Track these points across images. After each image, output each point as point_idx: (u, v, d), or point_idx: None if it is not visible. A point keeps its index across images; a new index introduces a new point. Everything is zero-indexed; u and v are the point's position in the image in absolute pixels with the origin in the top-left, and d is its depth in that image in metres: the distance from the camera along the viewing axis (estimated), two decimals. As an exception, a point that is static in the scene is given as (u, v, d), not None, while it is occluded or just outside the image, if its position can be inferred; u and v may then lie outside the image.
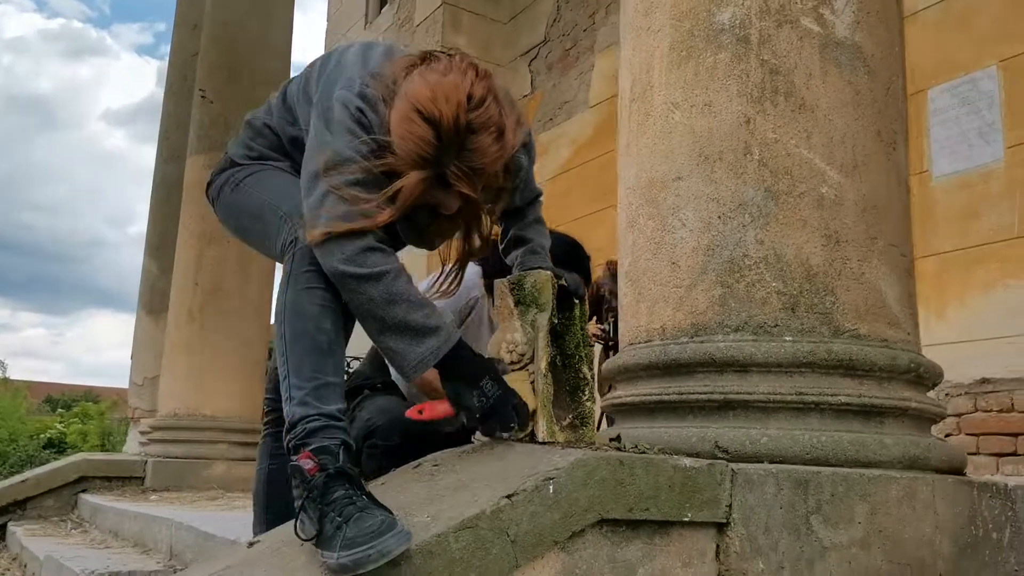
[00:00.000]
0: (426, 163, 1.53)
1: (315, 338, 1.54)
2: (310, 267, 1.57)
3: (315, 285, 1.56)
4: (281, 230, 1.66)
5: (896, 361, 1.85)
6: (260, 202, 1.75)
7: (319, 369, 1.52)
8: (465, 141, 1.52)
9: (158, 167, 8.54)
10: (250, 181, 1.81)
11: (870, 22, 1.98)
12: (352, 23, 11.86)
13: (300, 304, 1.56)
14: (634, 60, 2.15)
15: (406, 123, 1.52)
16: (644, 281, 2.02)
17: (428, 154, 1.52)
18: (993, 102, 4.70)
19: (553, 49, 8.64)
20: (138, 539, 4.03)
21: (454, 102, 1.51)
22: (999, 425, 4.44)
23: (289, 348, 1.54)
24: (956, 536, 1.79)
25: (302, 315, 1.55)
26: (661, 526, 1.56)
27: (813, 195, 1.87)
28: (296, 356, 1.53)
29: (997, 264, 4.55)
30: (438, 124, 1.50)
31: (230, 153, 1.90)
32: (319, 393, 1.50)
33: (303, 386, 1.50)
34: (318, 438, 1.44)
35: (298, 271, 1.58)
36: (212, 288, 6.26)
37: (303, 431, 1.45)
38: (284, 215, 1.67)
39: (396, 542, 1.22)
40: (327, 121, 1.63)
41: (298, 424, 1.47)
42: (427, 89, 1.52)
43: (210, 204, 1.96)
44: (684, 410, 1.88)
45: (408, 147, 1.52)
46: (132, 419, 8.40)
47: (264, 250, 1.83)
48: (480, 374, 1.57)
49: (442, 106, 1.50)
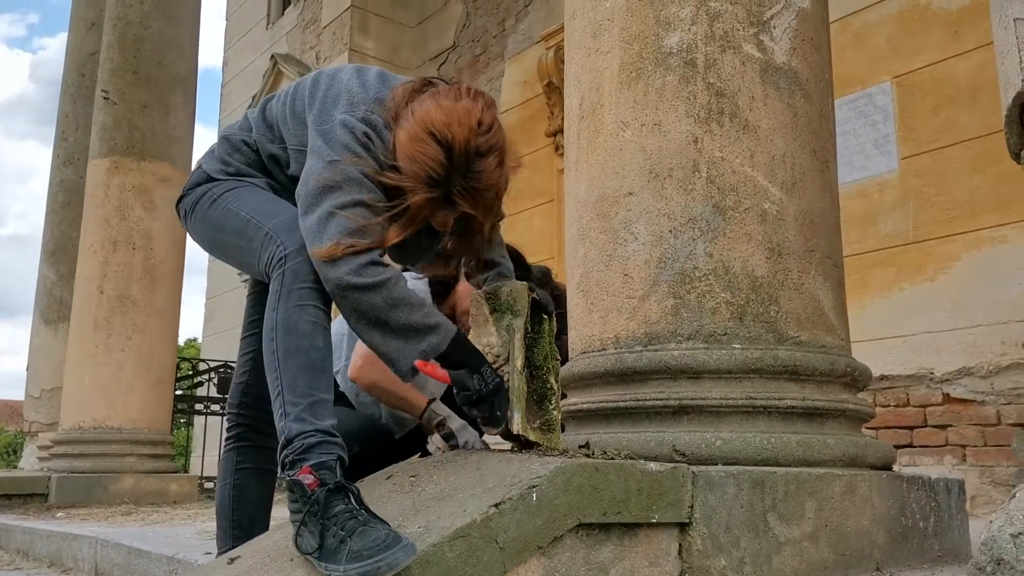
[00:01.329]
0: (434, 183, 1.61)
1: (309, 355, 1.56)
2: (302, 285, 1.60)
3: (307, 302, 1.59)
4: (267, 248, 1.67)
5: (834, 366, 1.98)
6: (242, 219, 1.75)
7: (313, 386, 1.54)
8: (472, 164, 1.62)
9: (55, 170, 8.18)
10: (228, 197, 1.80)
11: (805, 49, 2.11)
12: (253, 23, 11.63)
13: (292, 321, 1.58)
14: (583, 79, 2.23)
15: (418, 144, 1.60)
16: (596, 292, 2.10)
17: (438, 174, 1.60)
18: (888, 116, 5.01)
19: (463, 55, 8.70)
20: (55, 558, 3.89)
21: (467, 127, 1.60)
22: (896, 419, 4.73)
23: (282, 365, 1.55)
24: (890, 527, 1.94)
25: (295, 332, 1.57)
26: (630, 528, 1.64)
27: (757, 210, 1.99)
28: (290, 373, 1.55)
29: (893, 268, 4.85)
30: (450, 147, 1.59)
31: (205, 168, 1.89)
32: (314, 409, 1.52)
33: (298, 402, 1.52)
34: (315, 453, 1.46)
35: (289, 288, 1.60)
36: (118, 296, 6.06)
37: (300, 446, 1.47)
38: (269, 233, 1.68)
39: (404, 555, 1.25)
40: (329, 142, 1.66)
41: (295, 440, 1.49)
42: (441, 113, 1.61)
43: (180, 218, 1.94)
44: (640, 416, 1.97)
45: (418, 167, 1.60)
46: (29, 433, 8.02)
47: (244, 267, 1.83)
48: (481, 362, 1.68)
49: (455, 130, 1.59)
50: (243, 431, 1.97)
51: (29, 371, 8.05)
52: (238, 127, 1.93)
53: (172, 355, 6.48)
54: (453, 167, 1.61)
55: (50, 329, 7.85)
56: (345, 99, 1.71)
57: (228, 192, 1.81)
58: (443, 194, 1.63)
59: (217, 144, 1.93)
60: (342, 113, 1.68)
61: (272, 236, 1.66)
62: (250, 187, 1.82)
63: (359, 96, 1.72)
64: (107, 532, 3.67)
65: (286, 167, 1.84)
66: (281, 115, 1.84)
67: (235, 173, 1.85)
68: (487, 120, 1.64)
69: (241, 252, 1.77)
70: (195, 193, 1.86)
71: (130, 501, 5.66)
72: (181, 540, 3.27)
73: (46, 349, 7.82)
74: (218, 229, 1.83)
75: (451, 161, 1.60)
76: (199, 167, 1.91)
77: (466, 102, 1.64)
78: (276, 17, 11.05)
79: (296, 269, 1.60)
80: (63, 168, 8.11)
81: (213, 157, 1.90)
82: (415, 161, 1.60)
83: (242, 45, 11.81)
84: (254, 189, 1.82)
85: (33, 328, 8.07)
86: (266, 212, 1.73)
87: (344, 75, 1.78)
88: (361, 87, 1.75)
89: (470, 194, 1.64)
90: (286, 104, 1.84)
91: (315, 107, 1.74)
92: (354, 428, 2.33)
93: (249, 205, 1.76)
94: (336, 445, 1.50)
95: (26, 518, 5.00)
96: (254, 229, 1.71)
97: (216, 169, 1.86)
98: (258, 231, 1.70)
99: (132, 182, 6.21)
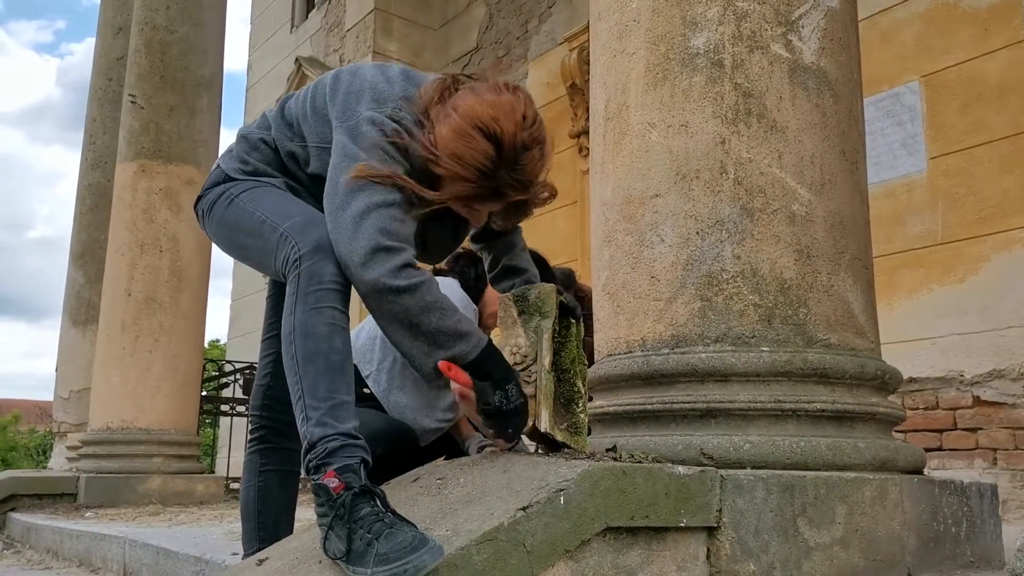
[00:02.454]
0: (484, 176, 1.64)
1: (328, 358, 1.56)
2: (318, 287, 1.59)
3: (324, 304, 1.58)
4: (281, 248, 1.67)
5: (864, 369, 1.96)
6: (258, 220, 1.75)
7: (334, 389, 1.54)
8: (519, 157, 1.65)
9: (83, 174, 8.28)
10: (245, 197, 1.80)
11: (833, 48, 2.09)
12: (278, 27, 11.71)
13: (310, 324, 1.57)
14: (608, 80, 2.22)
15: (465, 139, 1.62)
16: (623, 294, 2.09)
17: (487, 168, 1.64)
18: (916, 115, 4.96)
19: (485, 56, 8.71)
20: (83, 558, 3.93)
21: (513, 121, 1.64)
22: (925, 422, 4.68)
23: (302, 368, 1.55)
24: (921, 532, 1.92)
25: (313, 335, 1.57)
26: (658, 532, 1.63)
27: (785, 212, 1.97)
28: (310, 377, 1.54)
29: (921, 269, 4.79)
30: (500, 141, 1.63)
31: (223, 167, 1.88)
32: (335, 413, 1.52)
33: (319, 406, 1.52)
34: (339, 457, 1.46)
35: (305, 291, 1.59)
36: (145, 299, 6.12)
37: (324, 451, 1.47)
38: (284, 233, 1.67)
39: (431, 557, 1.25)
40: (356, 139, 1.66)
41: (318, 444, 1.48)
42: (487, 108, 1.64)
43: (198, 217, 1.95)
44: (667, 419, 1.96)
45: (467, 162, 1.63)
46: (58, 434, 8.12)
47: (261, 267, 1.83)
48: (509, 378, 1.65)
49: (504, 124, 1.63)
50: (266, 433, 1.98)
51: (58, 372, 8.16)
52: (256, 126, 1.93)
53: (198, 357, 6.54)
54: (502, 160, 1.64)
55: (78, 331, 7.94)
56: (370, 95, 1.71)
57: (245, 192, 1.80)
58: (492, 187, 1.66)
59: (235, 143, 1.93)
60: (368, 110, 1.68)
61: (287, 237, 1.66)
62: (267, 187, 1.82)
63: (385, 93, 1.72)
64: (135, 532, 3.70)
65: (305, 165, 1.84)
66: (301, 112, 1.84)
67: (253, 172, 1.85)
68: (531, 114, 1.68)
69: (258, 253, 1.77)
70: (213, 193, 1.86)
71: (157, 501, 5.72)
72: (208, 541, 3.29)
73: (75, 351, 7.91)
74: (234, 229, 1.83)
75: (500, 155, 1.63)
76: (217, 166, 1.91)
77: (508, 96, 1.67)
78: (300, 21, 11.13)
79: (311, 271, 1.60)
80: (91, 172, 8.20)
81: (231, 156, 1.89)
82: (462, 157, 1.62)
83: (266, 49, 11.90)
84: (271, 189, 1.81)
85: (62, 330, 8.17)
86: (281, 212, 1.72)
87: (366, 71, 1.78)
88: (387, 83, 1.75)
89: (517, 186, 1.68)
90: (306, 101, 1.84)
91: (337, 103, 1.74)
92: (379, 430, 2.32)
93: (265, 205, 1.76)
94: (359, 448, 1.50)
95: (55, 518, 5.06)
96: (269, 230, 1.71)
97: (234, 168, 1.86)
98: (273, 231, 1.69)
99: (159, 185, 6.27)
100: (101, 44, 8.49)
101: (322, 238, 1.62)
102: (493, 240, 2.08)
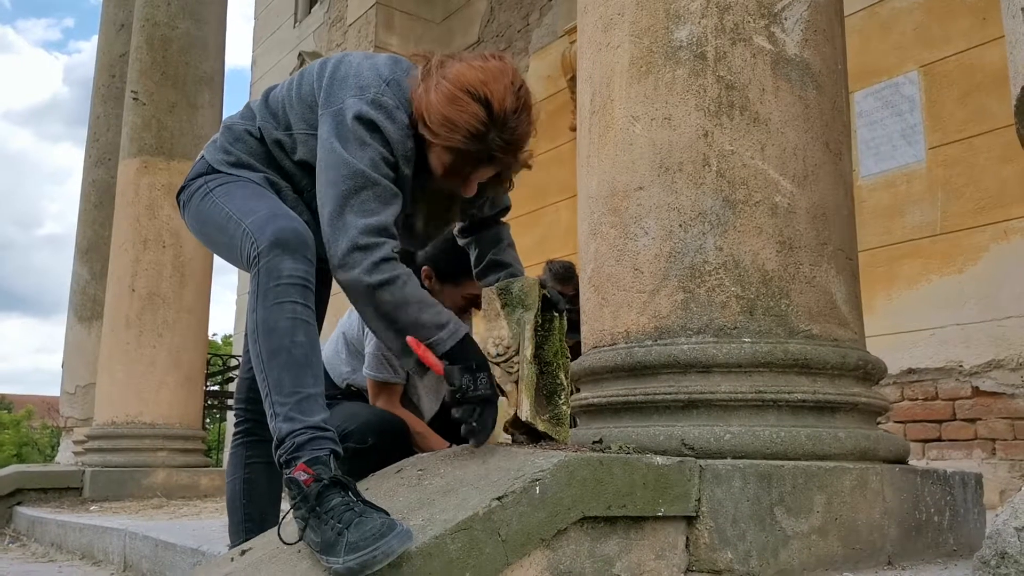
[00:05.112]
0: (474, 139, 1.68)
1: (291, 352, 1.57)
2: (277, 282, 1.60)
3: (284, 299, 1.60)
4: (244, 244, 1.69)
5: (846, 359, 1.97)
6: (225, 215, 1.76)
7: (298, 383, 1.56)
8: (509, 119, 1.69)
9: (87, 170, 8.33)
10: (219, 191, 1.82)
11: (817, 40, 2.10)
12: (281, 21, 11.73)
13: (272, 320, 1.59)
14: (594, 74, 2.23)
15: (456, 104, 1.66)
16: (607, 287, 2.11)
17: (478, 131, 1.67)
18: (915, 105, 4.94)
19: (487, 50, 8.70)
20: (86, 551, 3.97)
21: (502, 84, 1.68)
22: (924, 413, 4.68)
23: (267, 365, 1.57)
24: (902, 520, 1.93)
25: (275, 331, 1.58)
26: (636, 521, 1.65)
27: (768, 204, 1.98)
28: (275, 373, 1.56)
29: (920, 260, 4.78)
30: (489, 104, 1.67)
31: (207, 158, 1.90)
32: (302, 407, 1.53)
33: (285, 402, 1.53)
34: (307, 450, 1.48)
35: (265, 287, 1.61)
36: (149, 294, 6.15)
37: (292, 445, 1.49)
38: (246, 229, 1.69)
39: (399, 542, 1.27)
40: (338, 131, 1.70)
41: (286, 439, 1.50)
42: (478, 72, 1.68)
43: (180, 208, 1.96)
44: (650, 410, 1.97)
45: (458, 125, 1.66)
46: (65, 428, 8.18)
47: (231, 262, 1.86)
48: (482, 367, 1.68)
49: (493, 87, 1.67)
50: (251, 426, 2.00)
51: (64, 368, 8.21)
52: (240, 116, 1.94)
53: (202, 352, 6.58)
54: (493, 122, 1.67)
55: (84, 327, 7.99)
56: (353, 81, 1.74)
57: (220, 187, 1.82)
58: (484, 149, 1.69)
59: (220, 134, 1.94)
60: (351, 96, 1.71)
61: (248, 233, 1.67)
62: (243, 182, 1.83)
63: (368, 79, 1.74)
64: (136, 525, 3.74)
65: (292, 152, 1.86)
66: (288, 100, 1.86)
67: (236, 163, 1.86)
68: (518, 79, 1.73)
69: (226, 248, 1.80)
70: (193, 185, 1.88)
71: (162, 495, 5.76)
72: (207, 533, 3.32)
73: (80, 346, 7.96)
74: (205, 223, 1.85)
75: (491, 117, 1.67)
76: (201, 157, 1.92)
77: (496, 62, 1.72)
78: (303, 15, 11.14)
79: (269, 266, 1.61)
80: (95, 168, 8.24)
81: (215, 147, 1.91)
82: (454, 120, 1.66)
83: (270, 44, 11.93)
84: (245, 183, 1.82)
85: (68, 326, 8.22)
86: (246, 208, 1.74)
87: (352, 58, 1.81)
88: (372, 69, 1.78)
89: (508, 148, 1.72)
90: (292, 89, 1.86)
91: (323, 89, 1.77)
92: (371, 421, 2.35)
93: (234, 201, 1.77)
94: (327, 439, 1.52)
95: (60, 511, 5.11)
96: (234, 225, 1.73)
97: (217, 160, 1.87)
98: (237, 227, 1.72)
99: (161, 181, 6.30)
100: (104, 41, 8.52)
101: (280, 232, 1.64)
102: (480, 233, 2.10)
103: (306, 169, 1.84)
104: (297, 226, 1.67)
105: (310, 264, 1.65)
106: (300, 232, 1.66)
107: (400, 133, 1.73)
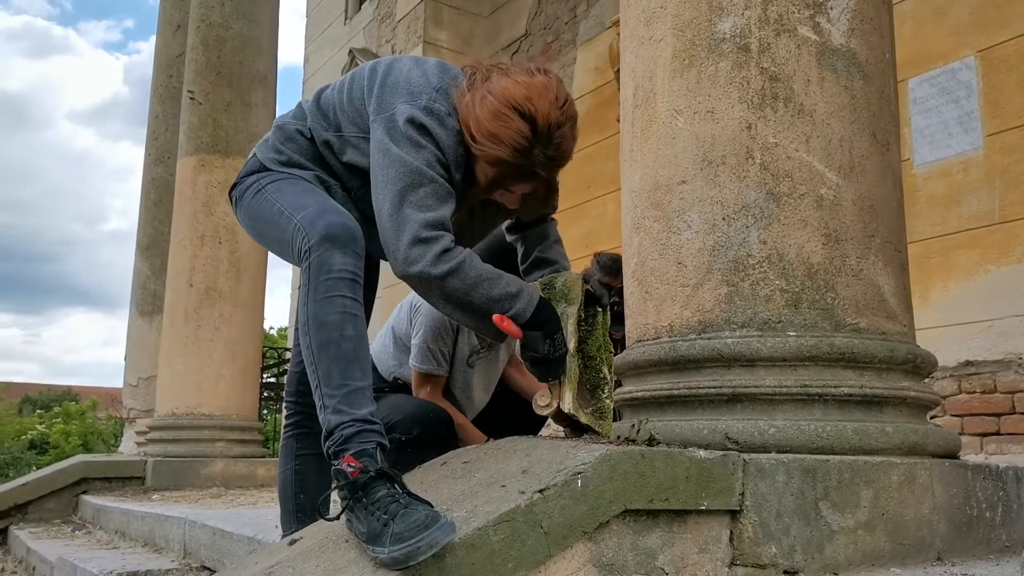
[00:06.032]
0: (519, 154, 1.73)
1: (340, 346, 1.61)
2: (328, 276, 1.64)
3: (334, 293, 1.64)
4: (295, 239, 1.73)
5: (894, 353, 1.95)
6: (277, 210, 1.81)
7: (347, 376, 1.60)
8: (553, 134, 1.73)
9: (147, 169, 8.54)
10: (271, 188, 1.87)
11: (864, 29, 2.07)
12: (332, 19, 11.86)
13: (322, 314, 1.63)
14: (636, 68, 2.23)
15: (502, 119, 1.71)
16: (651, 281, 2.11)
17: (522, 146, 1.72)
18: (971, 92, 4.82)
19: (535, 43, 8.70)
20: (148, 538, 4.10)
21: (546, 100, 1.73)
22: (982, 406, 4.57)
23: (317, 358, 1.61)
24: (952, 516, 1.90)
25: (325, 325, 1.62)
26: (679, 515, 1.66)
27: (813, 196, 1.97)
28: (324, 366, 1.60)
29: (978, 250, 4.67)
30: (534, 119, 1.71)
31: (259, 156, 1.95)
32: (350, 399, 1.58)
33: (334, 394, 1.58)
34: (355, 443, 1.52)
35: (316, 281, 1.65)
36: (206, 289, 6.30)
37: (340, 437, 1.53)
38: (298, 224, 1.73)
39: (442, 533, 1.30)
40: (392, 134, 1.75)
41: (335, 431, 1.55)
42: (522, 88, 1.73)
43: (232, 205, 2.02)
44: (694, 404, 1.97)
45: (503, 141, 1.71)
46: (127, 419, 8.43)
47: (283, 257, 1.91)
48: (557, 328, 1.78)
49: (538, 103, 1.72)
50: (301, 418, 2.05)
51: (127, 360, 8.45)
52: (292, 116, 1.99)
53: (257, 345, 6.72)
54: (537, 138, 1.72)
55: (145, 321, 8.21)
56: (404, 88, 1.78)
57: (272, 183, 1.87)
58: (528, 164, 1.74)
59: (271, 133, 1.99)
60: (403, 103, 1.75)
61: (299, 227, 1.72)
62: (294, 179, 1.87)
63: (420, 85, 1.78)
64: (195, 513, 3.85)
65: (340, 154, 1.90)
66: (339, 103, 1.90)
67: (287, 162, 1.91)
68: (562, 94, 1.77)
69: (277, 243, 1.85)
70: (246, 182, 1.93)
71: (220, 484, 5.91)
72: (263, 521, 3.41)
73: (142, 340, 8.19)
74: (257, 219, 1.90)
75: (535, 133, 1.72)
76: (253, 155, 1.97)
77: (541, 77, 1.76)
78: (353, 12, 11.26)
79: (320, 261, 1.65)
80: (154, 167, 8.45)
81: (267, 146, 1.96)
82: (499, 135, 1.70)
83: (322, 41, 12.08)
84: (297, 181, 1.87)
85: (130, 320, 8.46)
86: (298, 204, 1.79)
87: (402, 65, 1.85)
88: (422, 76, 1.81)
89: (551, 163, 1.77)
90: (343, 92, 1.90)
91: (374, 96, 1.80)
92: (416, 413, 2.39)
93: (286, 196, 1.82)
94: (374, 432, 1.55)
95: (124, 500, 5.27)
96: (285, 221, 1.77)
97: (269, 158, 1.92)
98: (289, 222, 1.76)
99: (217, 179, 6.44)
100: (161, 42, 8.72)
101: (330, 227, 1.67)
102: (527, 230, 2.12)
103: (353, 171, 1.88)
104: (347, 221, 1.71)
105: (359, 258, 1.69)
106: (350, 227, 1.70)
107: (451, 139, 1.76)
